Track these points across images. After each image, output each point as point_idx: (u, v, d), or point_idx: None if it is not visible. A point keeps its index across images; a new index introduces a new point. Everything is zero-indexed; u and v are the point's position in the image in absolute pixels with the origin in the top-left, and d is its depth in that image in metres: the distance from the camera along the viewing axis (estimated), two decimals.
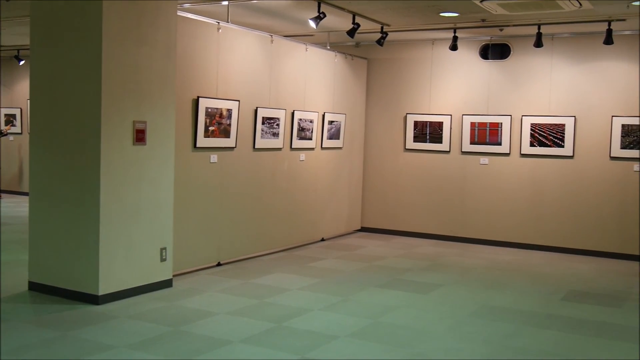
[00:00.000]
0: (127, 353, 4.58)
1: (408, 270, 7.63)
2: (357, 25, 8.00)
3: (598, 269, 8.03)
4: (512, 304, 6.25)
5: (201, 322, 5.35)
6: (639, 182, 8.45)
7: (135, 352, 4.59)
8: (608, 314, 6.00)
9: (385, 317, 5.67)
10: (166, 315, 5.51)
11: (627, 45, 8.55)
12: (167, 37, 6.20)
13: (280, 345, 4.85)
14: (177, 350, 4.66)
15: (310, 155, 8.96)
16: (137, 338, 4.90)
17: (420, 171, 9.98)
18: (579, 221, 8.93)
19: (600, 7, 7.23)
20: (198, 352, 4.63)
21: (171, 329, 5.15)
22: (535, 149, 9.12)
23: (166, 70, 6.20)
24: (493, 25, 8.45)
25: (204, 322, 5.36)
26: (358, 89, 10.07)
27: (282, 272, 7.32)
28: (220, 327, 5.22)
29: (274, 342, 4.91)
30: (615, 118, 8.62)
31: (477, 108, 9.51)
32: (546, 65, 9.06)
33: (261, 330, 5.18)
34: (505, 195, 9.37)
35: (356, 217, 10.32)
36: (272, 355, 4.63)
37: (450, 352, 4.82)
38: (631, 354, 4.91)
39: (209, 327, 5.21)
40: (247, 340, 4.93)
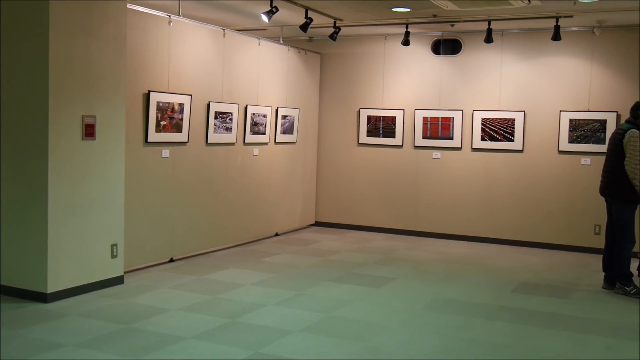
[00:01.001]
0: (77, 352, 4.49)
1: (362, 264, 7.68)
2: (310, 19, 7.98)
3: (548, 261, 8.21)
4: (464, 296, 6.34)
5: (153, 319, 5.28)
6: (587, 175, 8.65)
7: (85, 351, 4.50)
8: (557, 305, 6.13)
9: (339, 311, 5.69)
10: (117, 313, 5.41)
11: (575, 42, 8.75)
12: (117, 30, 6.08)
13: (234, 340, 4.81)
14: (128, 348, 4.59)
15: (264, 150, 8.92)
16: (87, 336, 4.80)
17: (373, 166, 10.03)
18: (529, 214, 9.11)
19: (548, 4, 7.38)
20: (149, 350, 4.56)
21: (122, 326, 5.07)
22: (486, 143, 9.26)
23: (116, 64, 6.09)
24: (444, 20, 8.53)
25: (156, 318, 5.29)
26: (311, 84, 10.07)
27: (235, 268, 7.27)
28: (173, 324, 5.16)
29: (227, 337, 4.88)
30: (563, 113, 8.81)
31: (430, 103, 9.61)
32: (496, 61, 9.20)
33: (214, 326, 5.14)
34: (457, 189, 9.50)
35: (310, 212, 10.33)
36: (225, 351, 4.60)
37: (403, 345, 4.87)
38: (578, 343, 5.03)
39: (161, 324, 5.15)
40: (200, 336, 4.88)
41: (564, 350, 4.88)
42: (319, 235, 9.68)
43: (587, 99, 8.70)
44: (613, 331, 5.35)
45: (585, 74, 8.72)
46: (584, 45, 8.73)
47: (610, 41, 8.59)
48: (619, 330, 5.38)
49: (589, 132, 8.67)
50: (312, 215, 10.38)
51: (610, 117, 8.52)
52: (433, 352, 4.73)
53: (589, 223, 8.71)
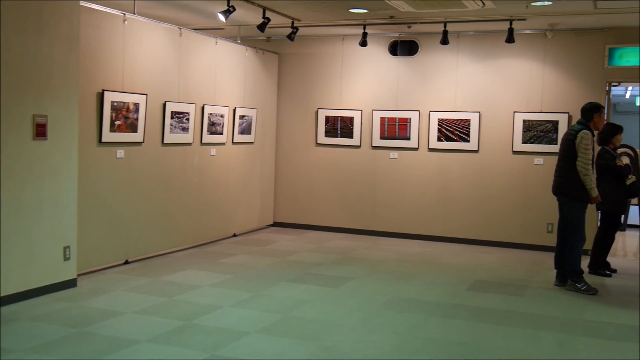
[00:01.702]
0: (28, 357, 4.39)
1: (319, 264, 7.69)
2: (267, 19, 7.96)
3: (502, 259, 8.34)
4: (420, 295, 6.40)
5: (107, 322, 5.20)
6: (540, 175, 8.81)
7: (36, 356, 4.41)
8: (510, 302, 6.24)
9: (296, 311, 5.69)
10: (70, 316, 5.31)
11: (528, 44, 8.91)
12: (70, 27, 5.97)
13: (189, 343, 4.77)
14: (80, 352, 4.51)
15: (221, 150, 8.86)
16: (39, 341, 4.70)
17: (331, 166, 10.06)
18: (484, 213, 9.25)
19: (502, 7, 7.50)
20: (103, 353, 4.49)
21: (75, 330, 4.97)
22: (442, 144, 9.37)
23: (68, 62, 5.98)
24: (401, 22, 8.61)
25: (110, 322, 5.21)
26: (269, 84, 10.04)
27: (192, 269, 7.21)
28: (127, 327, 5.09)
29: (182, 340, 4.83)
30: (517, 114, 8.97)
31: (387, 103, 9.68)
32: (452, 62, 9.32)
33: (169, 328, 5.08)
34: (414, 188, 9.59)
35: (268, 212, 10.30)
36: (181, 353, 4.55)
37: (359, 344, 4.89)
38: (531, 339, 5.13)
39: (115, 327, 5.07)
40: (155, 339, 4.82)
41: (517, 346, 4.96)
42: (277, 235, 9.66)
43: (540, 101, 8.87)
44: (564, 327, 5.47)
45: (538, 76, 8.90)
46: (536, 48, 8.90)
47: (561, 44, 8.78)
48: (570, 326, 5.49)
49: (542, 133, 8.84)
50: (270, 215, 10.35)
51: (562, 118, 8.70)
52: (389, 350, 4.76)
53: (542, 222, 8.88)
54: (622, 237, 10.50)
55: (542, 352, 4.85)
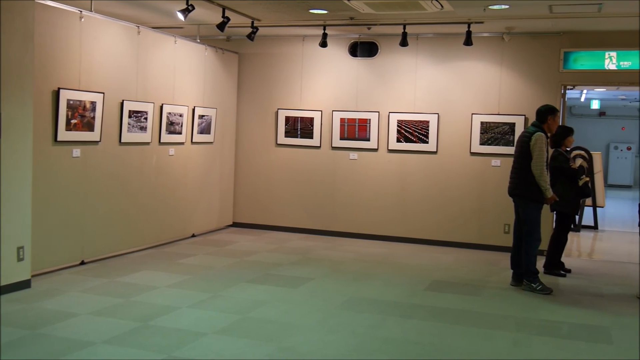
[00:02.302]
0: None
1: (279, 265, 7.67)
2: (227, 19, 7.91)
3: (459, 260, 8.44)
4: (379, 295, 6.44)
5: (61, 323, 5.10)
6: (497, 176, 8.95)
7: None
8: (467, 302, 6.32)
9: (255, 312, 5.67)
10: (23, 318, 5.20)
11: (485, 47, 9.04)
12: (24, 24, 5.85)
13: (146, 344, 4.71)
14: (35, 354, 4.41)
15: (180, 149, 8.77)
16: None
17: (291, 166, 10.05)
18: (443, 214, 9.35)
19: (460, 10, 7.59)
20: (56, 356, 4.41)
21: (28, 332, 4.87)
22: (401, 145, 9.44)
23: (23, 60, 5.85)
24: (361, 23, 8.65)
25: (65, 323, 5.11)
26: (229, 83, 9.98)
27: (149, 270, 7.12)
28: (82, 328, 5.00)
29: (138, 341, 4.77)
30: (475, 115, 9.09)
31: (347, 104, 9.71)
32: (411, 64, 9.40)
33: (126, 330, 5.01)
34: (373, 189, 9.64)
35: (228, 213, 10.24)
36: (136, 355, 4.50)
37: (317, 345, 4.89)
38: (487, 338, 5.20)
39: (70, 329, 4.98)
40: (110, 340, 4.75)
41: (472, 345, 5.03)
42: (236, 236, 9.61)
43: (497, 103, 9.01)
44: (520, 326, 5.56)
45: (495, 79, 9.03)
46: (494, 51, 9.03)
47: (518, 47, 8.93)
48: (525, 325, 5.59)
49: (499, 135, 8.98)
50: (229, 216, 10.29)
51: (518, 120, 8.85)
52: (347, 351, 4.78)
53: (499, 222, 9.02)
54: (577, 238, 10.72)
55: (497, 351, 4.92)
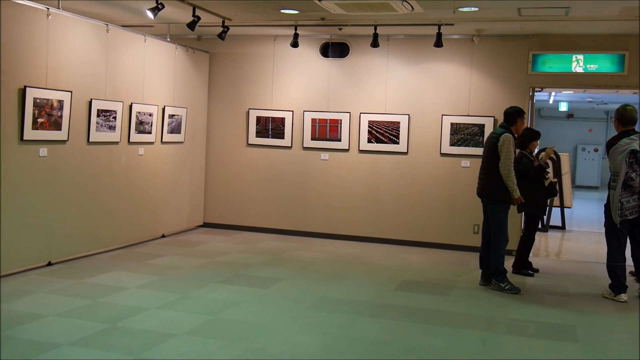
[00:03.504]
0: None
1: (249, 265, 7.64)
2: (197, 18, 7.87)
3: (430, 260, 8.50)
4: (349, 296, 6.45)
5: (27, 325, 5.02)
6: (466, 177, 9.02)
7: None
8: (437, 302, 6.36)
9: (225, 313, 5.64)
10: None
11: (456, 49, 9.12)
12: None
13: (113, 346, 4.66)
14: None
15: (150, 149, 8.69)
16: None
17: (262, 166, 10.02)
18: (413, 214, 9.40)
19: (430, 12, 7.64)
20: (23, 358, 4.33)
21: None
22: (372, 145, 9.47)
23: None
24: (332, 24, 8.66)
25: (31, 325, 5.03)
26: (200, 83, 9.92)
27: (118, 270, 7.04)
28: (49, 330, 4.93)
29: (106, 343, 4.71)
30: (445, 117, 9.16)
31: (318, 105, 9.71)
32: (383, 65, 9.43)
33: (93, 331, 4.95)
34: (344, 190, 9.65)
35: (198, 213, 10.17)
36: (104, 357, 4.44)
37: (287, 345, 4.88)
38: (456, 338, 5.24)
39: (36, 331, 4.90)
40: (77, 342, 4.69)
41: (442, 345, 5.06)
42: (207, 236, 9.55)
43: (467, 104, 9.09)
44: (488, 325, 5.62)
45: (465, 80, 9.11)
46: (464, 53, 9.11)
47: (488, 49, 9.02)
48: (494, 325, 5.65)
49: (469, 136, 9.06)
50: (200, 216, 10.23)
51: (488, 121, 8.94)
52: (317, 351, 4.78)
53: (468, 223, 9.10)
54: (545, 238, 10.86)
55: (466, 350, 4.96)
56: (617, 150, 6.55)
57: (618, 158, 6.51)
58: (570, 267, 8.45)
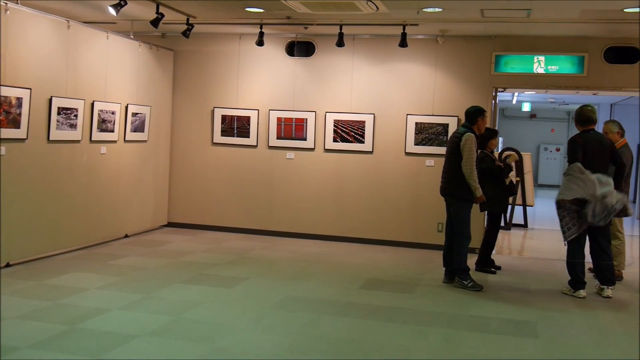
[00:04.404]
0: None
1: (214, 265, 7.59)
2: (161, 15, 7.79)
3: (394, 258, 8.54)
4: (314, 294, 6.45)
5: None
6: (431, 176, 9.07)
7: None
8: (401, 300, 6.40)
9: (188, 313, 5.59)
10: None
11: (420, 49, 9.17)
12: None
13: (73, 348, 4.58)
14: None
15: (113, 148, 8.58)
16: None
17: (228, 165, 9.97)
18: (378, 213, 9.44)
19: (395, 12, 7.68)
20: None
21: None
22: (338, 145, 9.49)
23: None
24: (298, 23, 8.64)
25: None
26: (164, 81, 9.82)
27: (80, 271, 6.94)
28: (6, 333, 4.82)
29: (66, 345, 4.64)
30: (410, 116, 9.22)
31: (284, 103, 9.69)
32: (348, 64, 9.45)
33: (52, 334, 4.86)
34: (310, 189, 9.65)
35: (163, 212, 10.07)
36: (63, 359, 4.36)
37: (251, 344, 4.86)
38: (419, 335, 5.28)
39: None
40: (36, 345, 4.60)
41: (405, 342, 5.09)
42: (171, 236, 9.46)
43: (431, 104, 9.16)
44: (451, 322, 5.67)
45: (429, 80, 9.18)
46: (428, 53, 9.18)
47: (452, 50, 9.11)
48: (456, 322, 5.70)
49: (433, 135, 9.13)
50: (164, 215, 10.13)
51: (452, 121, 9.02)
52: (280, 350, 4.77)
53: (432, 221, 9.17)
54: (507, 236, 11.01)
55: (429, 347, 5.00)
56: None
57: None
58: (531, 264, 8.58)
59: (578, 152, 6.65)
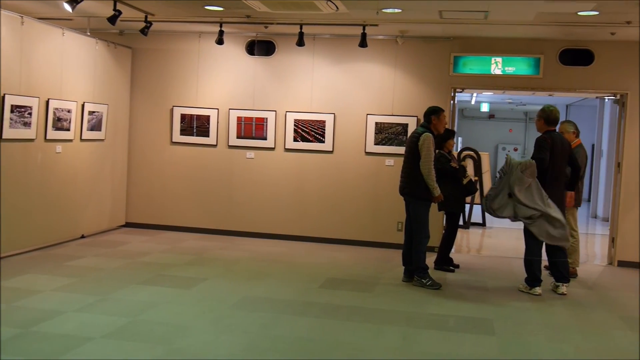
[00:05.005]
0: None
1: (172, 266, 7.51)
2: (118, 12, 7.66)
3: (354, 257, 8.57)
4: (273, 294, 6.43)
5: None
6: (390, 175, 9.13)
7: None
8: (360, 299, 6.42)
9: (145, 314, 5.52)
10: None
11: (380, 49, 9.22)
12: None
13: (27, 351, 4.49)
14: None
15: (68, 147, 8.42)
16: None
17: (187, 165, 9.87)
18: (338, 212, 9.46)
19: (354, 12, 7.70)
20: None
21: None
22: (298, 144, 9.48)
23: None
24: (258, 22, 8.61)
25: None
26: (122, 79, 9.68)
27: (34, 273, 6.79)
28: None
29: (19, 348, 4.53)
30: (370, 116, 9.26)
31: (244, 103, 9.65)
32: (308, 64, 9.45)
33: (6, 337, 4.74)
34: (270, 188, 9.62)
35: (120, 212, 9.92)
36: None
37: (209, 345, 4.83)
38: (377, 334, 5.30)
39: None
40: None
41: (363, 341, 5.11)
42: (129, 236, 9.33)
43: (391, 104, 9.21)
44: (409, 321, 5.71)
45: (389, 80, 9.24)
46: (388, 53, 9.23)
47: (411, 50, 9.18)
48: (415, 320, 5.75)
49: (393, 135, 9.19)
50: (122, 215, 9.98)
51: (411, 121, 9.09)
52: (238, 350, 4.74)
53: (392, 220, 9.23)
54: (466, 235, 11.15)
55: (387, 346, 5.03)
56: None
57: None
58: (489, 262, 8.69)
59: (546, 152, 6.76)
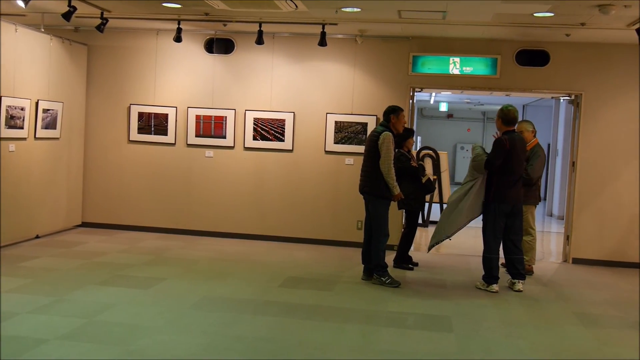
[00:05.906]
0: None
1: (130, 266, 7.41)
2: (73, 8, 7.52)
3: (314, 256, 8.58)
4: (233, 294, 6.40)
5: None
6: (350, 174, 9.16)
7: None
8: (320, 297, 6.43)
9: (102, 315, 5.43)
10: None
11: (340, 48, 9.25)
12: None
13: None
14: None
15: (22, 145, 8.23)
16: None
17: (145, 164, 9.74)
18: (298, 211, 9.46)
19: (314, 11, 7.70)
20: None
21: None
22: (258, 143, 9.44)
23: None
24: (217, 19, 8.53)
25: None
26: (77, 77, 9.50)
27: None
28: None
29: None
30: (330, 115, 9.27)
31: (203, 101, 9.56)
32: (268, 63, 9.42)
33: None
34: (230, 187, 9.57)
35: (76, 212, 9.74)
36: None
37: (167, 346, 4.77)
38: (337, 332, 5.31)
39: None
40: None
41: (323, 339, 5.12)
42: (85, 236, 9.17)
43: (350, 103, 9.25)
44: (369, 319, 5.74)
45: (349, 79, 9.27)
46: (347, 52, 9.26)
47: (370, 50, 9.22)
48: (374, 318, 5.78)
49: (352, 134, 9.23)
50: (78, 215, 9.80)
51: (370, 120, 9.14)
52: (197, 350, 4.70)
53: (352, 219, 9.26)
54: (425, 233, 11.24)
55: (347, 344, 5.05)
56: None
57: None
58: (448, 260, 8.79)
59: (500, 157, 6.85)
